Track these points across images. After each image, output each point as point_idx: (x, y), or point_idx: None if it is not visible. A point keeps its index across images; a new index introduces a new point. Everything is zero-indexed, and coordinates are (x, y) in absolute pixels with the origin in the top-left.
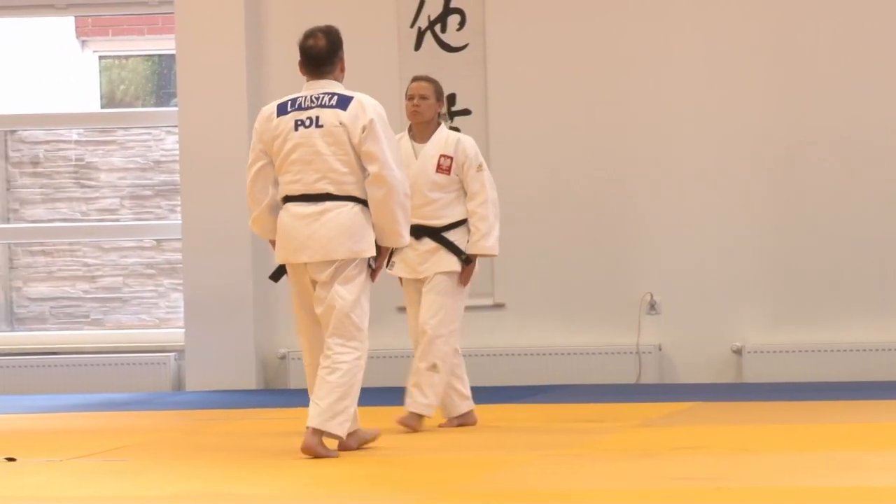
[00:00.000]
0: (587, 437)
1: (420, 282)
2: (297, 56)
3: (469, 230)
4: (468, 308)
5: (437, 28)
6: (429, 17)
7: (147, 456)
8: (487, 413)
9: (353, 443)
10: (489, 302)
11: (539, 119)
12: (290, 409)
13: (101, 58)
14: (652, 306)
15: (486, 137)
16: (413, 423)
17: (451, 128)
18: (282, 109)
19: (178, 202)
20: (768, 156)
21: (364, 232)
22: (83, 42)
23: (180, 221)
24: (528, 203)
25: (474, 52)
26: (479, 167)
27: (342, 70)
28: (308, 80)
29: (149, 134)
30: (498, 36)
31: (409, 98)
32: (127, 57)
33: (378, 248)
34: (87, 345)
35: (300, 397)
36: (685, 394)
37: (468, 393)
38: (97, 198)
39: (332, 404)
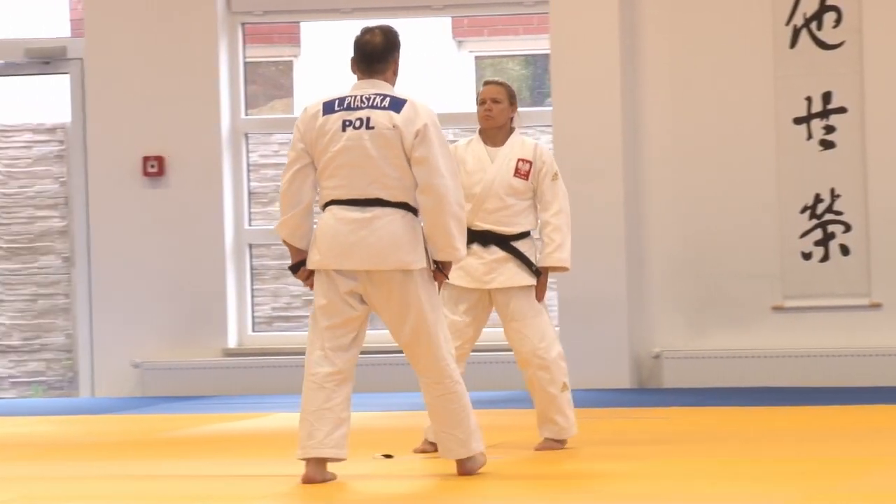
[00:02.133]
0: None
1: (483, 293)
2: (671, 56)
3: (537, 242)
4: (841, 307)
5: (813, 25)
6: (804, 14)
7: (516, 454)
8: (859, 414)
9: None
10: (865, 302)
11: None
12: (665, 408)
13: (476, 58)
14: None
15: (861, 136)
16: (558, 446)
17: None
18: (328, 108)
19: None
20: None
21: (415, 242)
22: (459, 42)
23: None
24: None
25: (851, 50)
26: (555, 176)
27: (395, 73)
28: (358, 79)
29: (525, 133)
30: (875, 33)
31: (481, 102)
32: (502, 57)
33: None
34: None
35: (676, 396)
36: None
37: None
38: None
39: (467, 430)
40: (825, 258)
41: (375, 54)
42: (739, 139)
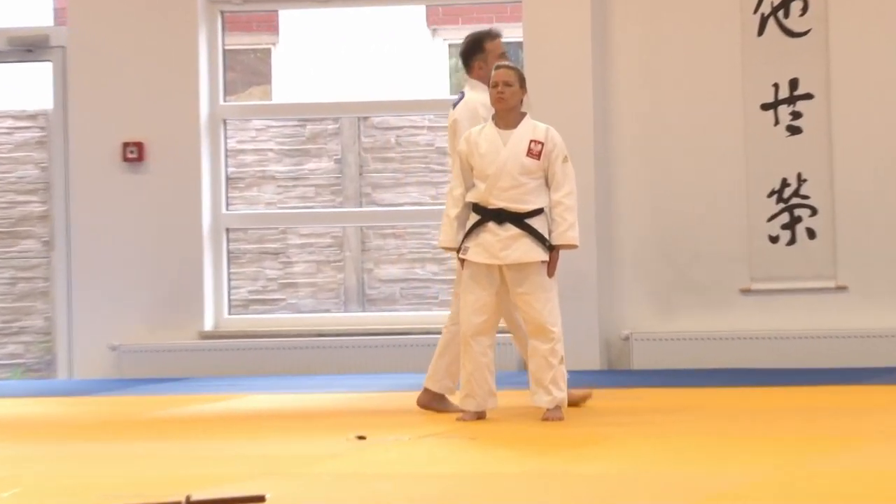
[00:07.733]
0: None
1: (497, 268)
2: (641, 44)
3: (549, 220)
4: (808, 290)
5: (780, 14)
6: (772, 3)
7: (487, 433)
8: (825, 395)
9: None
10: (831, 285)
11: (882, 104)
12: (636, 388)
13: (450, 45)
14: None
15: (828, 121)
16: (558, 415)
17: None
18: None
19: None
20: None
21: None
22: (434, 30)
23: None
24: (871, 188)
25: (817, 38)
26: (565, 158)
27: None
28: None
29: None
30: (841, 21)
31: (494, 85)
32: None
33: None
34: (438, 325)
35: (645, 378)
36: None
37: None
38: (447, 182)
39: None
40: (792, 241)
41: None
42: (708, 125)
